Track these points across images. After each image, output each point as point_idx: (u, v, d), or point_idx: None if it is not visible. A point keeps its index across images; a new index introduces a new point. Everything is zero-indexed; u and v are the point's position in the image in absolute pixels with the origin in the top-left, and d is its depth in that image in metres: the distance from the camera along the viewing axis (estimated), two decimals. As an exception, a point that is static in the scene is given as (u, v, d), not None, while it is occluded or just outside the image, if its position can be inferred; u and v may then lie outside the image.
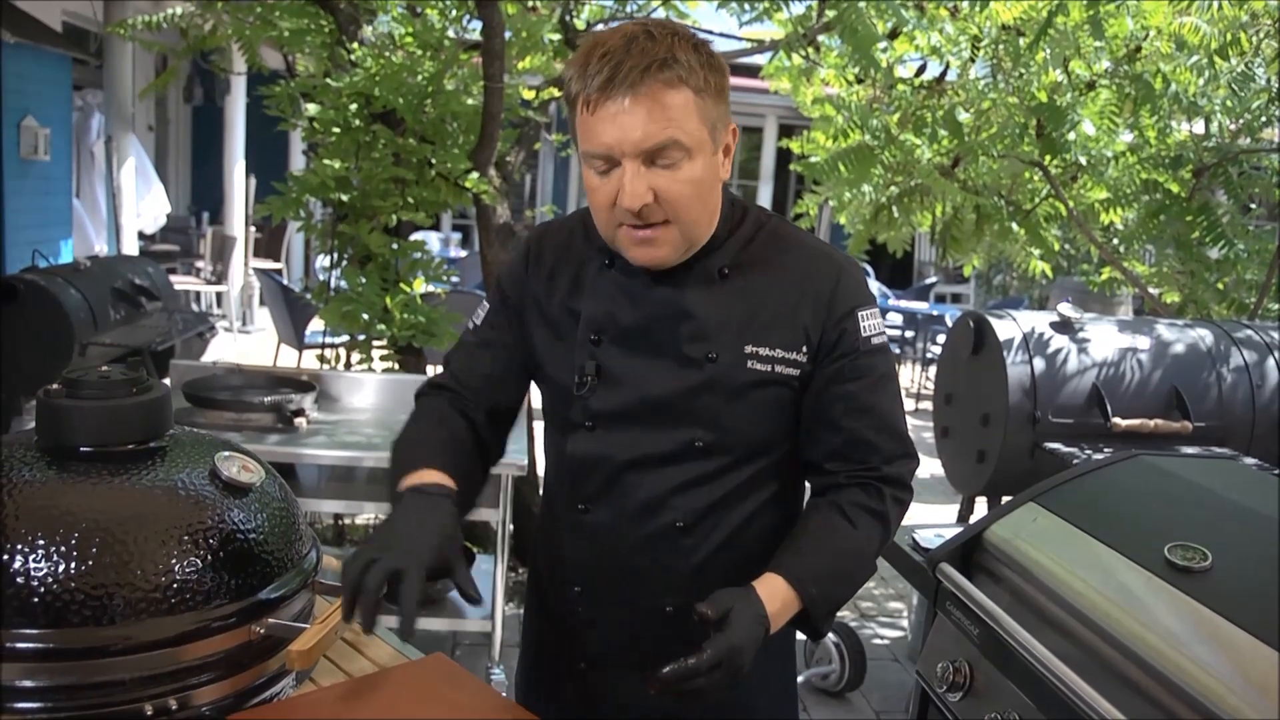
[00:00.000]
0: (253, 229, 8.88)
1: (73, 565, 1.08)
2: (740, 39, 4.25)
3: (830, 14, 3.67)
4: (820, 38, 3.94)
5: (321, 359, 4.10)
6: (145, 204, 7.61)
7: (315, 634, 1.16)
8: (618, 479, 1.37)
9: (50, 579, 1.07)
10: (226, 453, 1.26)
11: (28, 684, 1.08)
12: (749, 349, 1.33)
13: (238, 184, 8.89)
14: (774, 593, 1.25)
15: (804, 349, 1.33)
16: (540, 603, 1.53)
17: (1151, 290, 4.50)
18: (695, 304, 1.33)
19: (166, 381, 3.19)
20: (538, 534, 1.56)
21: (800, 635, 1.38)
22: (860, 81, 4.13)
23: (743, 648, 1.19)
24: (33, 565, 1.08)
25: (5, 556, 1.07)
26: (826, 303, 1.33)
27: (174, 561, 1.13)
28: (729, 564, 1.34)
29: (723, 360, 1.32)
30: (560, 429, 1.43)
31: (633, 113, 1.20)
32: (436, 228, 11.97)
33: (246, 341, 8.49)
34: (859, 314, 1.35)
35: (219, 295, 8.79)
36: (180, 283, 8.07)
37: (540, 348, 1.43)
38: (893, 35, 3.87)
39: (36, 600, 1.07)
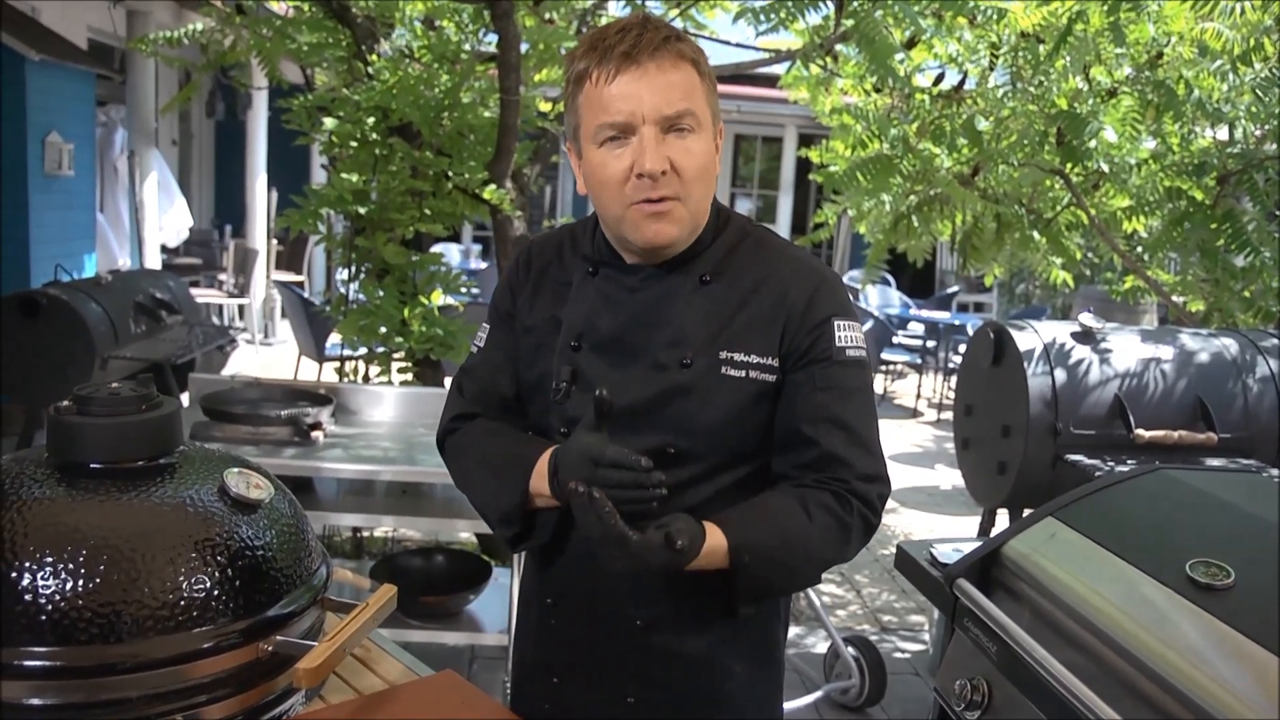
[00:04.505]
0: (274, 242, 8.95)
1: (80, 583, 1.08)
2: (758, 49, 4.24)
3: (847, 23, 3.65)
4: (838, 47, 3.92)
5: (340, 372, 4.11)
6: (168, 218, 7.69)
7: (323, 651, 1.15)
8: None
9: (58, 596, 1.07)
10: (236, 469, 1.26)
11: (35, 702, 1.08)
12: (724, 354, 1.32)
13: (259, 197, 8.97)
14: (711, 540, 1.24)
15: (777, 355, 1.32)
16: (525, 614, 1.53)
17: (1176, 299, 4.45)
18: (674, 310, 1.33)
19: (184, 396, 3.21)
20: None
21: (819, 648, 1.37)
22: (878, 91, 4.11)
23: (652, 567, 1.19)
24: (41, 582, 1.07)
25: (14, 574, 1.08)
26: (802, 309, 1.32)
27: (181, 579, 1.12)
28: (701, 578, 1.29)
29: (697, 365, 1.31)
30: (541, 437, 1.44)
31: (656, 77, 1.24)
32: (457, 239, 12.03)
33: (268, 354, 8.54)
34: (835, 322, 1.33)
35: (241, 308, 8.85)
36: (203, 295, 8.14)
37: (524, 358, 1.44)
38: (910, 44, 3.85)
39: (44, 618, 1.07)
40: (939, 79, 4.03)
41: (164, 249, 7.94)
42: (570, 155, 1.37)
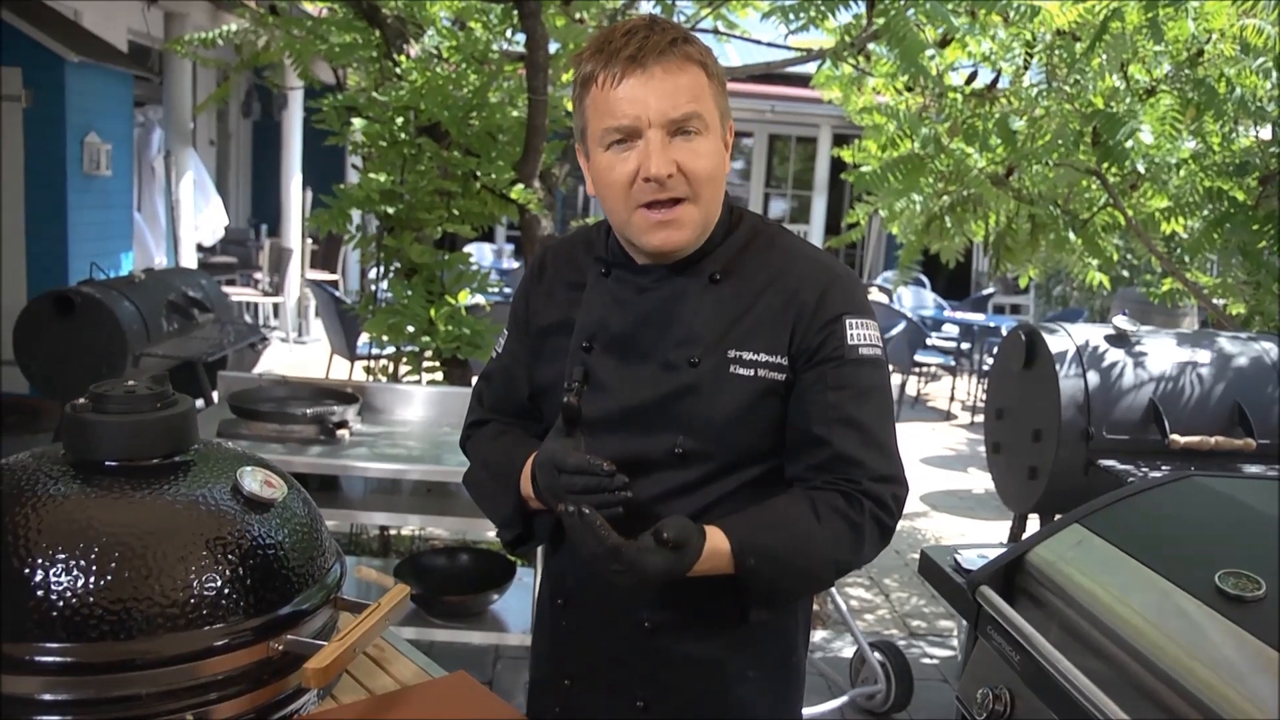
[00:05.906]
0: (309, 241, 9.02)
1: (93, 579, 1.08)
2: (789, 48, 4.21)
3: (879, 22, 3.62)
4: (870, 45, 3.89)
5: (368, 370, 4.14)
6: (203, 217, 7.78)
7: (332, 651, 1.15)
8: None
9: (70, 593, 1.08)
10: (249, 468, 1.26)
11: (47, 697, 1.08)
12: (732, 353, 1.30)
13: (294, 196, 9.05)
14: (713, 544, 1.23)
15: (787, 354, 1.31)
16: (539, 617, 1.53)
17: (1216, 302, 4.36)
18: (684, 309, 1.33)
19: (215, 394, 3.23)
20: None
21: (845, 652, 1.35)
22: (910, 90, 4.07)
23: (652, 573, 1.19)
24: (53, 579, 1.08)
25: (27, 570, 1.08)
26: (813, 307, 1.30)
27: (193, 577, 1.13)
28: (711, 580, 1.27)
29: (705, 364, 1.30)
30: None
31: (662, 81, 1.23)
32: (490, 239, 12.07)
33: (302, 352, 8.61)
34: (846, 320, 1.31)
35: (276, 306, 8.93)
36: (238, 294, 8.22)
37: (540, 358, 1.44)
38: (944, 43, 3.81)
39: (56, 614, 1.07)
40: (972, 77, 3.98)
41: (200, 248, 8.03)
42: (580, 157, 1.37)
